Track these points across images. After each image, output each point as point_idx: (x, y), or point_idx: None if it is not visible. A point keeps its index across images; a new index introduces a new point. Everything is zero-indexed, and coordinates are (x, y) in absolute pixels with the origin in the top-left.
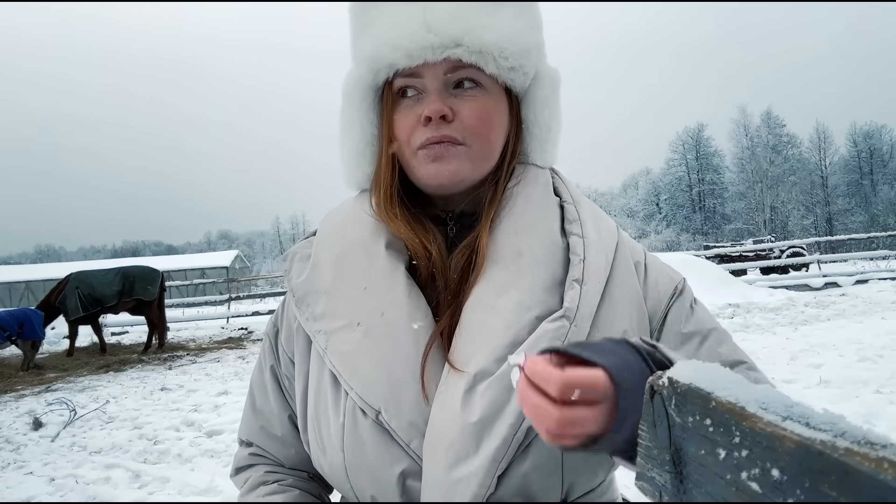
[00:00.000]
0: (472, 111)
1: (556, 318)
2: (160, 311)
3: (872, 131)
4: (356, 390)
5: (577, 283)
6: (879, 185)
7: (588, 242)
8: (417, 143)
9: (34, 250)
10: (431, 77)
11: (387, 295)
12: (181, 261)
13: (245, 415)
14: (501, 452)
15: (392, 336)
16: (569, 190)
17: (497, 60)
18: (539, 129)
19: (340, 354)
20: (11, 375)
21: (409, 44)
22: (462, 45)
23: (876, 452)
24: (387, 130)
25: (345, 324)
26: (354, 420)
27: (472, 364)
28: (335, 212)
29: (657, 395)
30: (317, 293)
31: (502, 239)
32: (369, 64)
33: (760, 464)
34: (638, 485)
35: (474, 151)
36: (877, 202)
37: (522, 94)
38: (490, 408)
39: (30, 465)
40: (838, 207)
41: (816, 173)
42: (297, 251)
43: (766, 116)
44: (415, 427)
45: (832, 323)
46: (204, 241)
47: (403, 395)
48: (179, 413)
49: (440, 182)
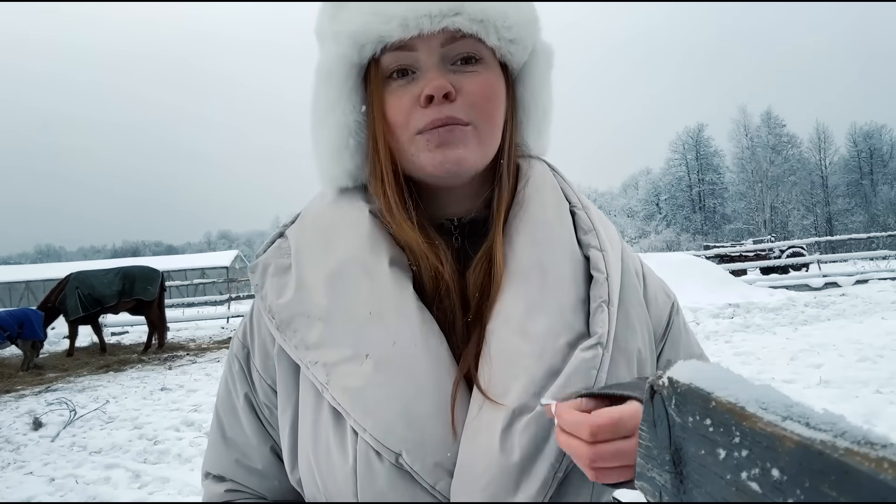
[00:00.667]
0: (476, 87)
1: (590, 347)
2: (160, 311)
3: (872, 131)
4: (370, 431)
5: (605, 305)
6: (879, 185)
7: (608, 256)
8: (417, 127)
9: (34, 250)
10: (427, 51)
11: (397, 321)
12: (181, 261)
13: (214, 445)
14: (542, 492)
15: (408, 368)
16: (574, 192)
17: (499, 31)
18: (537, 110)
19: (348, 391)
20: (11, 375)
21: (403, 11)
22: (462, 13)
23: (876, 452)
24: (378, 115)
25: (350, 355)
26: (368, 464)
27: (509, 397)
28: (314, 216)
29: (657, 395)
30: (308, 318)
31: (522, 251)
32: (354, 38)
33: (760, 464)
34: (638, 485)
35: (480, 133)
36: (877, 202)
37: (518, 73)
38: (530, 447)
39: (30, 465)
40: (838, 207)
41: (816, 173)
42: (270, 262)
43: (766, 116)
44: (441, 467)
45: (832, 323)
46: (204, 241)
47: (427, 434)
48: (179, 413)
49: (447, 169)
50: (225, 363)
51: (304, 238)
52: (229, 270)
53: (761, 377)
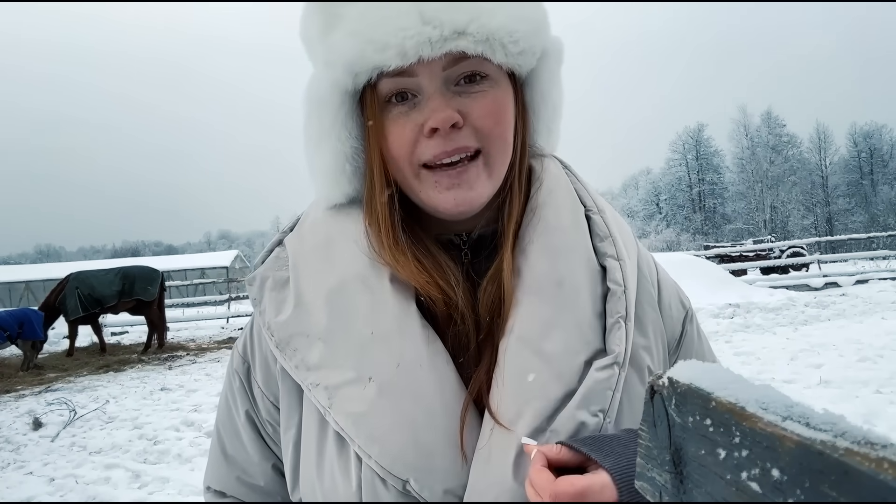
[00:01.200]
0: (484, 110)
1: (605, 367)
2: (160, 311)
3: (872, 131)
4: (376, 458)
5: (622, 321)
6: (879, 185)
7: (625, 266)
8: (423, 160)
9: (34, 250)
10: (428, 76)
11: (400, 342)
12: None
13: (214, 461)
14: None
15: (413, 391)
16: (590, 194)
17: (506, 47)
18: (547, 110)
19: (352, 416)
20: (11, 375)
21: (400, 41)
22: (466, 35)
23: (876, 452)
24: (377, 144)
25: (352, 378)
26: (373, 490)
27: (521, 422)
28: (311, 228)
29: (657, 395)
30: (308, 338)
31: (537, 262)
32: (348, 66)
33: (760, 464)
34: (638, 485)
35: (491, 159)
36: (877, 202)
37: (526, 75)
38: None
39: (30, 465)
40: (838, 207)
41: (816, 173)
42: (268, 275)
43: (766, 116)
44: (450, 493)
45: (832, 323)
46: (204, 241)
47: (436, 461)
48: (179, 413)
49: (460, 211)
50: (225, 379)
51: (302, 250)
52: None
53: (761, 377)
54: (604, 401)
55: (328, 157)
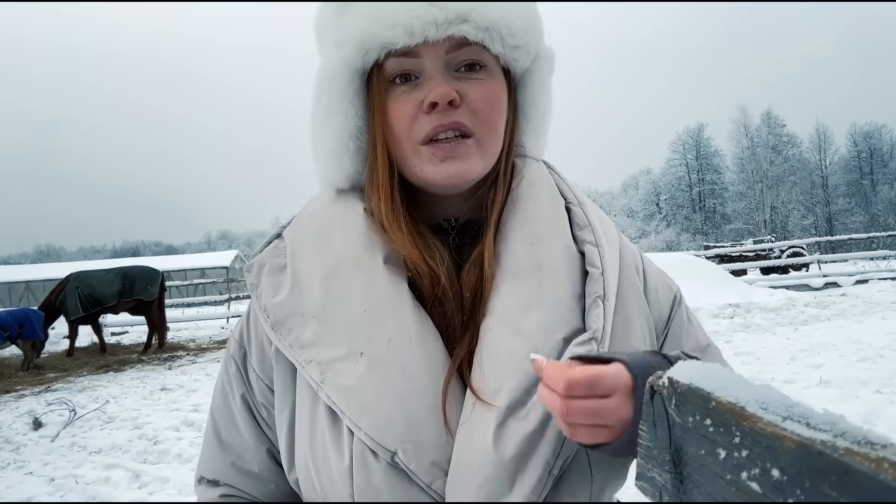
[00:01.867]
0: (480, 95)
1: (584, 342)
2: (160, 311)
3: (872, 131)
4: (365, 430)
5: (600, 301)
6: (879, 185)
7: (603, 251)
8: (421, 135)
9: (34, 250)
10: (432, 57)
11: (392, 319)
12: (181, 261)
13: (208, 449)
14: (538, 490)
15: (404, 365)
16: (571, 189)
17: (504, 38)
18: (536, 114)
19: (342, 389)
20: (11, 375)
21: (409, 19)
22: (469, 21)
23: (876, 452)
24: (380, 121)
25: (344, 353)
26: (364, 463)
27: (501, 396)
28: (310, 216)
29: (657, 395)
30: (302, 317)
31: (518, 248)
32: (358, 44)
33: (760, 464)
34: (638, 485)
35: (483, 143)
36: (877, 202)
37: (519, 77)
38: (524, 444)
39: (30, 465)
40: (838, 207)
41: (816, 173)
42: (266, 262)
43: (766, 116)
44: (437, 466)
45: (832, 323)
46: (204, 241)
47: (423, 433)
48: (179, 413)
49: (452, 183)
50: (221, 366)
51: (299, 237)
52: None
53: (761, 377)
54: None
55: (333, 134)
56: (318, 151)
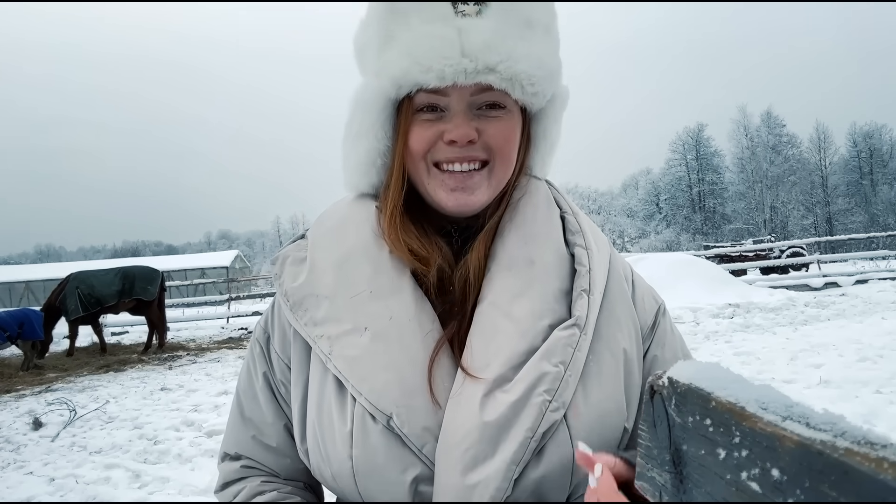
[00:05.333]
0: (497, 132)
1: (567, 327)
2: (160, 311)
3: (872, 131)
4: (365, 395)
5: (585, 294)
6: (879, 185)
7: (591, 254)
8: (437, 158)
9: (34, 250)
10: (458, 98)
11: (394, 299)
12: (181, 261)
13: (232, 426)
14: (519, 455)
15: (402, 340)
16: (566, 201)
17: (524, 87)
18: (546, 145)
19: (347, 359)
20: (11, 375)
21: (442, 67)
22: (496, 72)
23: (876, 452)
24: (402, 143)
25: (350, 328)
26: (363, 426)
27: (489, 370)
28: (330, 214)
29: (657, 395)
30: (317, 297)
31: (513, 247)
32: (395, 80)
33: (760, 464)
34: (638, 485)
35: (495, 173)
36: (877, 202)
37: (534, 112)
38: (508, 411)
39: (30, 465)
40: (838, 207)
41: (816, 173)
42: (289, 254)
43: (766, 116)
44: (428, 431)
45: (832, 323)
46: (204, 241)
47: (416, 400)
48: (179, 413)
49: (461, 211)
50: (247, 350)
51: (319, 232)
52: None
53: (761, 377)
54: (565, 355)
55: (363, 151)
56: (348, 162)
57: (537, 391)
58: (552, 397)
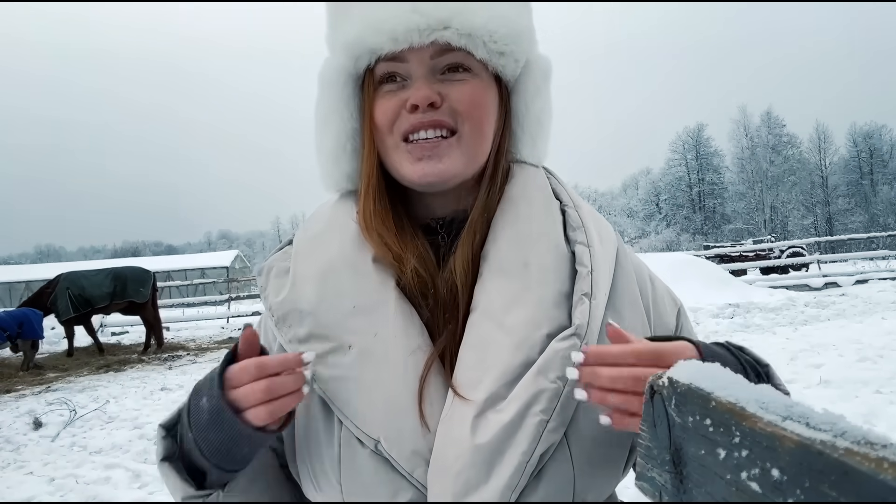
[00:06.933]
0: (462, 94)
1: (566, 337)
2: (154, 311)
3: (872, 131)
4: (351, 418)
5: (587, 298)
6: (879, 185)
7: (594, 252)
8: (401, 130)
9: (34, 250)
10: (417, 62)
11: (378, 314)
12: (181, 261)
13: None
14: (514, 481)
15: (388, 358)
16: (567, 192)
17: (487, 44)
18: (530, 122)
19: (332, 380)
20: (11, 375)
21: (393, 26)
22: (450, 28)
23: (876, 452)
24: (368, 121)
25: (334, 346)
26: (351, 450)
27: (480, 389)
28: (313, 220)
29: (657, 394)
30: (300, 313)
31: (506, 246)
32: (349, 50)
33: (760, 464)
34: (638, 485)
35: (465, 141)
36: (877, 202)
37: (513, 84)
38: (501, 433)
39: (30, 465)
40: (838, 207)
41: (816, 173)
42: (273, 265)
43: (766, 116)
44: (418, 455)
45: (832, 323)
46: (204, 241)
47: (404, 423)
48: None
49: (428, 182)
50: None
51: (301, 241)
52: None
53: None
54: (563, 369)
55: (332, 135)
56: (320, 151)
57: (533, 410)
58: (550, 416)
